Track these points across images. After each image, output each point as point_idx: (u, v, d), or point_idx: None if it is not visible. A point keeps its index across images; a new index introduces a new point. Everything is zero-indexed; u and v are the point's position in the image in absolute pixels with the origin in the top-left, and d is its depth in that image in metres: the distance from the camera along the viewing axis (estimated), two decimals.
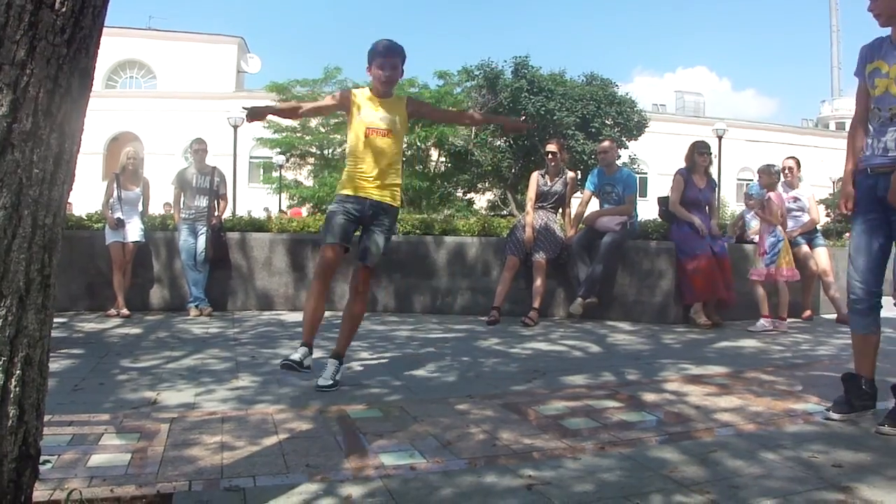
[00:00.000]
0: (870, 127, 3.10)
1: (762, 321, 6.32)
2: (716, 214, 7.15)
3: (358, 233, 3.96)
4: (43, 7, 1.56)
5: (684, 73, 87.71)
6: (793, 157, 7.56)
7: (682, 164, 6.91)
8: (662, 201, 6.97)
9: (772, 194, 6.53)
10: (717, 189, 7.05)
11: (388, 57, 3.80)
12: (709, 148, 6.89)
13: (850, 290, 3.16)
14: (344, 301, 7.27)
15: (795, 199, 7.37)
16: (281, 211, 23.51)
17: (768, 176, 6.66)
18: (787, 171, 7.38)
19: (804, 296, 7.33)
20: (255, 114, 3.78)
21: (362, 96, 3.91)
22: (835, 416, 3.08)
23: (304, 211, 24.27)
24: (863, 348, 3.20)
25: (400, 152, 3.97)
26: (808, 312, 7.24)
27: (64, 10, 1.59)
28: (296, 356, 3.68)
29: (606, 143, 7.40)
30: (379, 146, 3.81)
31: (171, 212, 8.93)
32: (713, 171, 7.94)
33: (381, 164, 3.81)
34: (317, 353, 4.76)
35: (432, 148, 25.30)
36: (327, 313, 7.00)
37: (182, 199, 7.29)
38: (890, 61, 2.95)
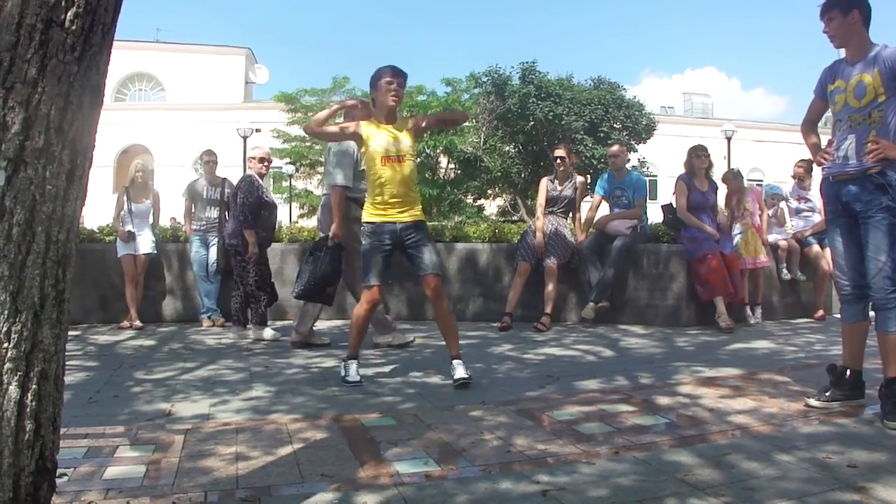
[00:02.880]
0: (835, 138, 3.33)
1: (758, 309, 7.00)
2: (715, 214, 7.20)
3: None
4: (53, 26, 1.58)
5: (693, 74, 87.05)
6: (802, 164, 7.55)
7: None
8: (668, 209, 6.92)
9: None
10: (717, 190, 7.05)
11: (393, 76, 4.04)
12: (705, 150, 6.84)
13: (839, 288, 3.44)
14: (353, 309, 7.35)
15: (806, 200, 7.41)
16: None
17: (736, 181, 7.14)
18: (798, 180, 7.62)
19: (816, 295, 7.30)
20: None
21: (370, 127, 4.08)
22: (812, 402, 3.29)
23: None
24: (851, 339, 3.39)
25: (415, 171, 4.18)
26: (820, 312, 7.20)
27: (74, 28, 1.60)
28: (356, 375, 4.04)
29: (616, 148, 7.39)
30: (396, 172, 4.01)
31: (175, 224, 9.01)
32: (722, 172, 7.94)
33: (401, 188, 4.03)
34: (331, 362, 4.79)
35: (441, 155, 25.30)
36: (339, 322, 7.09)
37: (193, 210, 7.34)
38: (846, 78, 3.25)
